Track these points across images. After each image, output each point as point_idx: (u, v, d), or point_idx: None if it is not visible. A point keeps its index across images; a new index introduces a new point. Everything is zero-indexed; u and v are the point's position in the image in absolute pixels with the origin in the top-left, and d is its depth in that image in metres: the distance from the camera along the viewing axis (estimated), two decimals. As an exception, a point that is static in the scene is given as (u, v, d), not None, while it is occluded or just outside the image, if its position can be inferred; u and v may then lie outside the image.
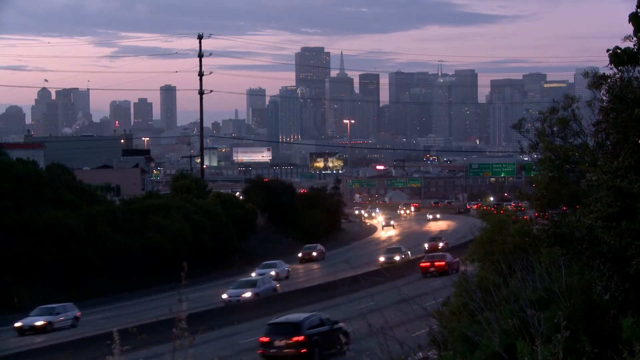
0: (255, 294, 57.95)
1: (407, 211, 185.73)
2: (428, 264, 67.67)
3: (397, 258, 76.92)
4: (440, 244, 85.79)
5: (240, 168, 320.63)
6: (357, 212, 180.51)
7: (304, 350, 34.64)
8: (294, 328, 36.86)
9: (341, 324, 36.58)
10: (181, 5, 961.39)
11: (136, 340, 8.61)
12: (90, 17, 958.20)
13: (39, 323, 52.63)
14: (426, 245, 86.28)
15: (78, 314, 55.33)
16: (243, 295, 57.42)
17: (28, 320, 53.22)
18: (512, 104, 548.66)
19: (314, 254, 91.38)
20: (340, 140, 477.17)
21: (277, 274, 72.99)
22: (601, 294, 14.02)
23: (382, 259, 77.52)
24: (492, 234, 28.74)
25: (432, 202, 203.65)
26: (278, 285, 62.97)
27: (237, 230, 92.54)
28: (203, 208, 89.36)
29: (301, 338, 35.95)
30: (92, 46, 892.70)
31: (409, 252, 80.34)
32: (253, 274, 71.27)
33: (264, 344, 36.52)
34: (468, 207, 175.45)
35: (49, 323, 52.76)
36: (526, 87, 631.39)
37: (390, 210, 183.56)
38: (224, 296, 58.07)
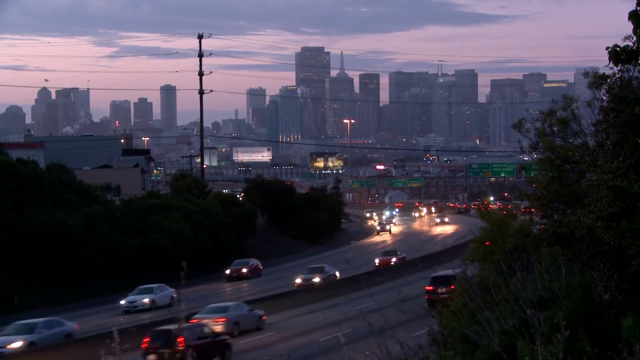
0: (30, 343, 43.40)
1: (424, 212, 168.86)
2: None
3: (316, 280, 66.30)
4: (393, 259, 76.92)
5: (240, 168, 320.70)
6: (368, 214, 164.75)
7: None
8: (451, 279, 49.06)
9: None
10: (182, 5, 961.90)
11: (136, 340, 8.62)
12: (91, 17, 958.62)
13: None
14: (377, 261, 77.53)
15: None
16: (9, 347, 42.77)
17: None
18: (512, 104, 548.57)
19: (244, 270, 78.22)
20: (340, 140, 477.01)
21: (151, 301, 59.83)
22: (601, 294, 14.02)
23: (298, 280, 67.02)
24: (492, 234, 28.75)
25: (417, 202, 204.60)
26: (77, 325, 48.97)
27: (237, 230, 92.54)
28: (203, 208, 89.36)
29: None
30: (92, 46, 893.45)
31: (337, 272, 69.54)
32: (122, 302, 60.45)
33: (429, 291, 49.99)
34: (465, 205, 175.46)
35: None
36: (526, 87, 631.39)
37: (408, 211, 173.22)
38: None
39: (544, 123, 21.63)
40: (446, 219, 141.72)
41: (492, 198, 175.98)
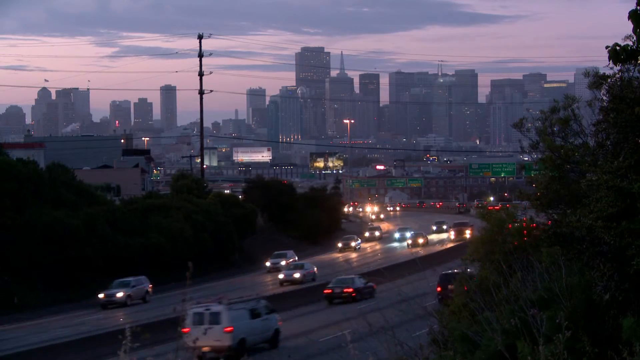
0: None
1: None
2: None
3: None
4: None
5: (240, 168, 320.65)
6: (368, 233, 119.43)
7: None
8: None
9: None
10: (183, 5, 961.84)
11: (138, 339, 8.64)
12: (92, 18, 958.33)
13: None
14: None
15: None
16: None
17: None
18: (512, 104, 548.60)
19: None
20: (340, 140, 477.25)
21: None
22: (601, 294, 14.03)
23: None
24: (493, 234, 28.76)
25: (415, 203, 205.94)
26: None
27: (237, 230, 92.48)
28: (203, 208, 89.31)
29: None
30: (93, 46, 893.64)
31: None
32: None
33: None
34: (465, 205, 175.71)
35: None
36: (526, 87, 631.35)
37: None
38: None
39: (545, 122, 21.64)
40: (445, 227, 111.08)
41: (492, 198, 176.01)
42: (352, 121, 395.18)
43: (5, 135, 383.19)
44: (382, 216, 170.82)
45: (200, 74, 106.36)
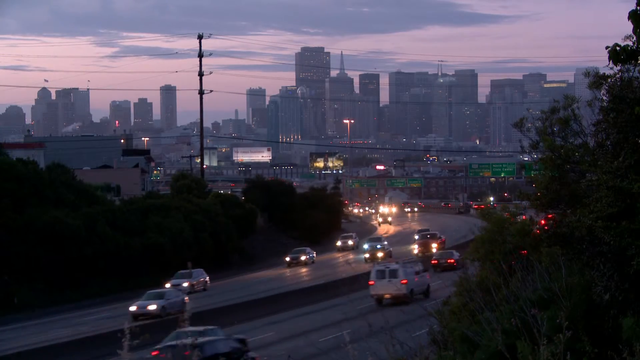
0: None
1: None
2: None
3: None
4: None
5: (240, 168, 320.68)
6: (340, 242, 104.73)
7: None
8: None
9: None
10: (184, 5, 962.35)
11: (139, 339, 8.63)
12: (92, 17, 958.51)
13: None
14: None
15: None
16: None
17: None
18: (512, 104, 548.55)
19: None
20: (340, 140, 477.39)
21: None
22: (601, 294, 14.03)
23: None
24: (493, 234, 28.77)
25: (403, 202, 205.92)
26: None
27: (237, 230, 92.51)
28: (203, 208, 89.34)
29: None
30: (93, 46, 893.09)
31: None
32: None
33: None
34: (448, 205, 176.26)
35: None
36: (526, 87, 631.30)
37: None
38: None
39: (545, 122, 21.64)
40: (428, 235, 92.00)
41: (492, 198, 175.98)
42: (352, 121, 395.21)
43: (5, 135, 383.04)
44: (389, 218, 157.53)
45: (200, 74, 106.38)
